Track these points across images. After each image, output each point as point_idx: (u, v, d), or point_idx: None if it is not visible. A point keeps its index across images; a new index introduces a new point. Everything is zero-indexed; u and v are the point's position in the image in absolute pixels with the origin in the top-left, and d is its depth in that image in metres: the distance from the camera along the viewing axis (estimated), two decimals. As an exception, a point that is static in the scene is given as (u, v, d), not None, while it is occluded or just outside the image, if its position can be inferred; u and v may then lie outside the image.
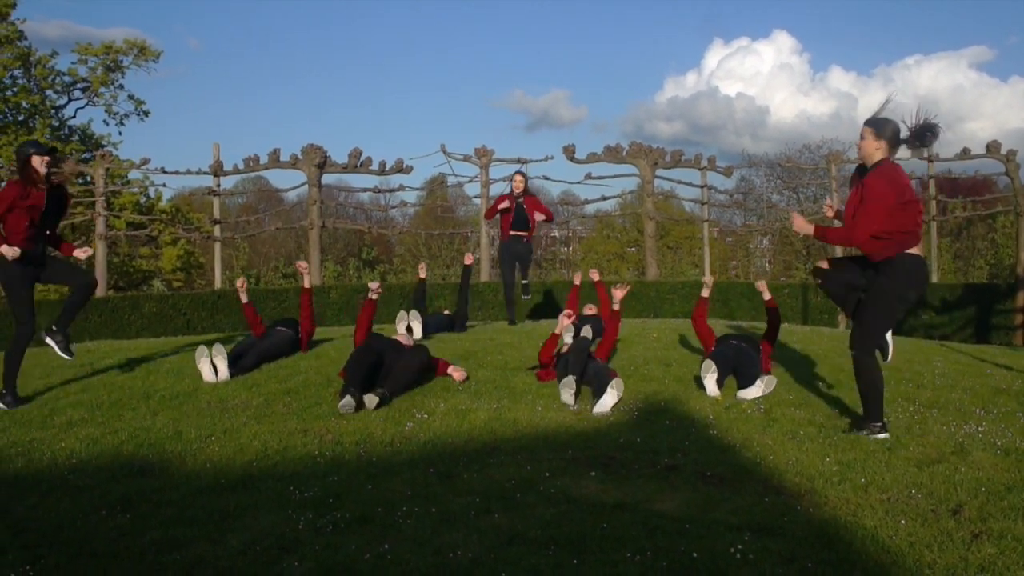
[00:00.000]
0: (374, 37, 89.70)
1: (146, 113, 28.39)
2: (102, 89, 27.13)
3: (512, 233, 10.10)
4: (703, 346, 7.12)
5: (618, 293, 6.81)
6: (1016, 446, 4.80)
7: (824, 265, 5.44)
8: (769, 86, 70.69)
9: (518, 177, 10.25)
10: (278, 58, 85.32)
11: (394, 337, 6.85)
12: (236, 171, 16.53)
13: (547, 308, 15.75)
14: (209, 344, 6.87)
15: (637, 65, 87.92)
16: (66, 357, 6.66)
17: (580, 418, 5.54)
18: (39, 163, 6.30)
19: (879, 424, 5.08)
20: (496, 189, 16.74)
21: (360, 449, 4.92)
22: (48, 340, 6.56)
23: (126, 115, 28.22)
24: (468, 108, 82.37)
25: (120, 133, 44.24)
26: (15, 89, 25.43)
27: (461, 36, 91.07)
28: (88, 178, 17.02)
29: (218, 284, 16.21)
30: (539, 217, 10.27)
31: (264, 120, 77.01)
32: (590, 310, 9.06)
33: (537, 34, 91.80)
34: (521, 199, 10.09)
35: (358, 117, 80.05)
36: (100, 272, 15.74)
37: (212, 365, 6.71)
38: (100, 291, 15.60)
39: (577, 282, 9.26)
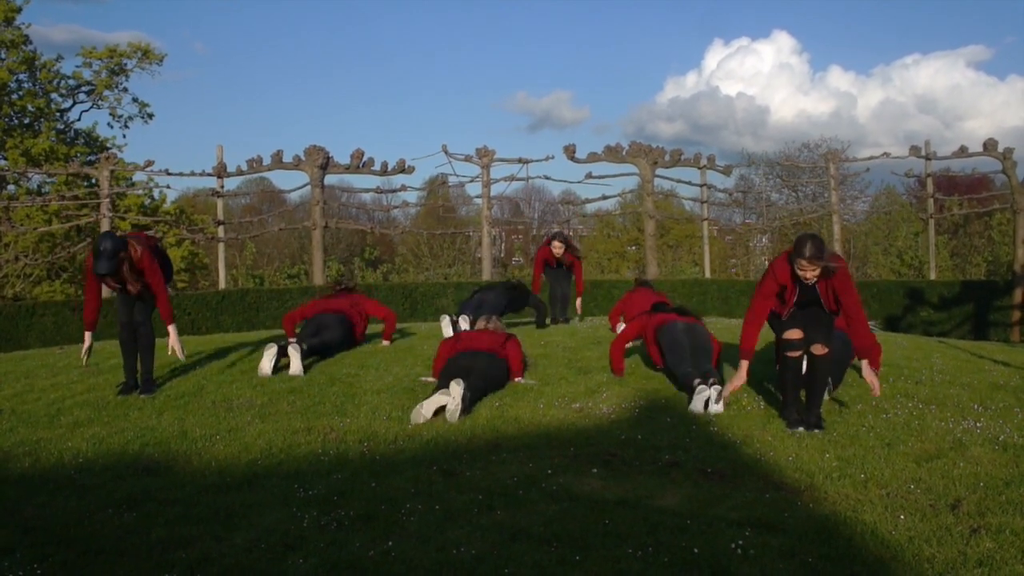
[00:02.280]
0: (377, 39, 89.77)
1: (150, 116, 28.39)
2: (106, 92, 27.14)
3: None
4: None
5: None
6: (1014, 441, 4.83)
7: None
8: (769, 86, 70.64)
9: (557, 244, 10.01)
10: (281, 60, 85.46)
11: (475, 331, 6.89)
12: (239, 172, 16.57)
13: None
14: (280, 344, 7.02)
15: (638, 66, 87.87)
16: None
17: (582, 416, 5.58)
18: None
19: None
20: (497, 189, 16.81)
21: (364, 447, 4.96)
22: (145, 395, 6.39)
23: (130, 118, 28.24)
24: (471, 109, 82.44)
25: (124, 136, 44.32)
26: (20, 93, 25.46)
27: (464, 38, 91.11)
28: (93, 180, 17.06)
29: (222, 284, 16.23)
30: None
31: (267, 122, 77.07)
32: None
33: (539, 36, 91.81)
34: (561, 260, 10.13)
35: (360, 118, 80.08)
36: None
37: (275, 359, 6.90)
38: (105, 292, 15.63)
39: None
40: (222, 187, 16.45)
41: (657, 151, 17.07)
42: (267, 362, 6.81)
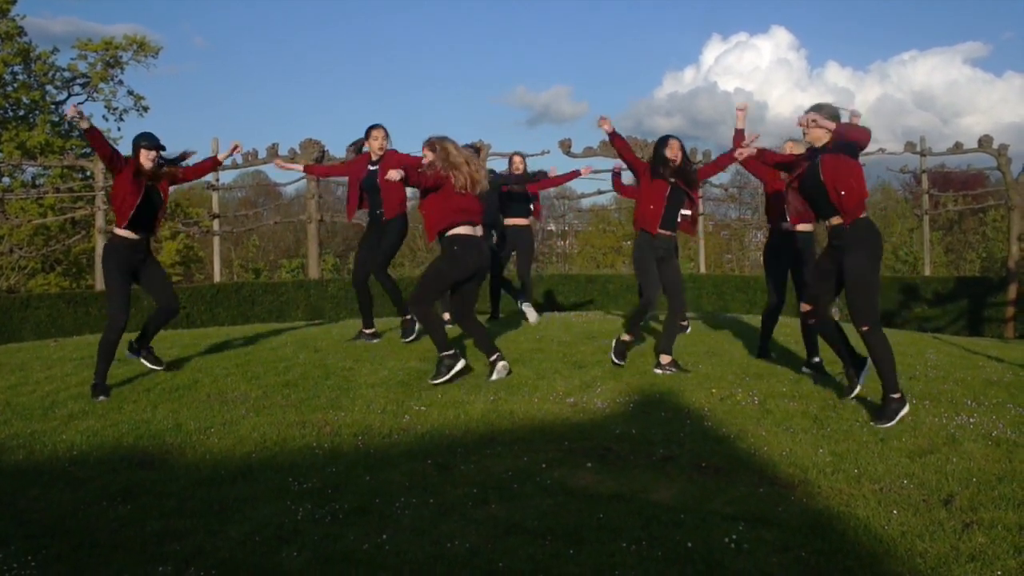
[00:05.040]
0: (375, 33, 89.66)
1: (145, 108, 28.38)
2: (102, 85, 27.11)
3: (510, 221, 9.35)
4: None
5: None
6: (1007, 437, 4.84)
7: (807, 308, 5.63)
8: (767, 81, 70.80)
9: (517, 159, 9.47)
10: (278, 53, 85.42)
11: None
12: (235, 166, 16.58)
13: (547, 304, 15.78)
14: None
15: (636, 61, 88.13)
16: (157, 367, 6.82)
17: (576, 410, 5.58)
18: (145, 158, 6.34)
19: (898, 395, 5.16)
20: (493, 183, 16.75)
21: (358, 441, 4.96)
22: (130, 355, 6.88)
23: (125, 111, 28.19)
24: (469, 103, 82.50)
25: (119, 129, 44.01)
26: (15, 85, 25.41)
27: (463, 32, 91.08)
28: (88, 173, 17.02)
29: (217, 278, 16.23)
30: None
31: (263, 115, 77.07)
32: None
33: (539, 31, 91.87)
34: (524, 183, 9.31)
35: (357, 112, 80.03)
36: (100, 266, 15.74)
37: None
38: (99, 284, 15.61)
39: None
40: (217, 180, 16.43)
41: (652, 146, 17.07)
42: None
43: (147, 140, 6.39)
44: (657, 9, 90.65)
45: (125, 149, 6.47)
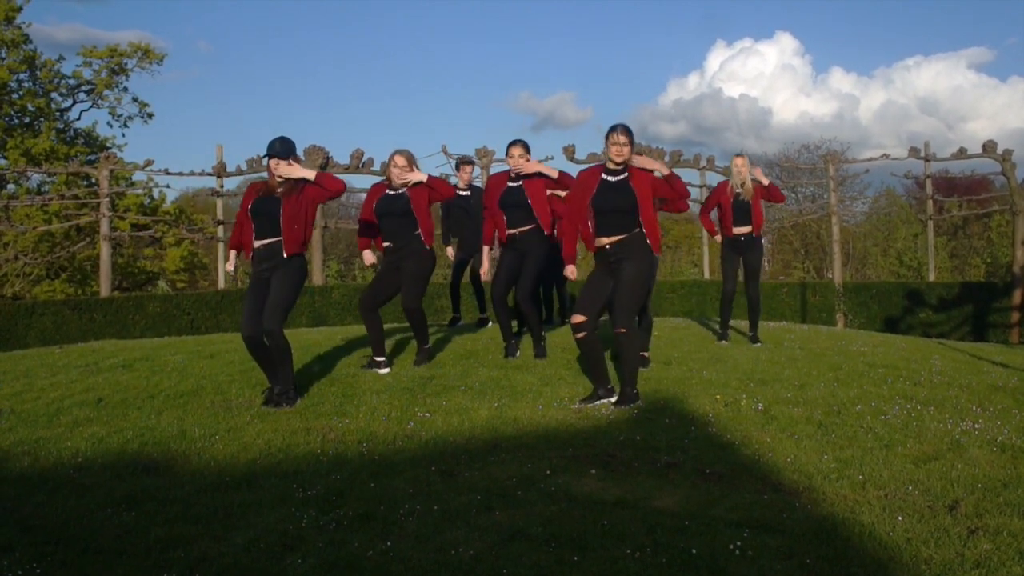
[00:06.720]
0: (379, 39, 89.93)
1: (150, 115, 28.43)
2: (106, 92, 27.18)
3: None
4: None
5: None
6: (1012, 443, 4.83)
7: (580, 319, 5.90)
8: (771, 87, 70.80)
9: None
10: (283, 59, 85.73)
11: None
12: (239, 172, 16.57)
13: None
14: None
15: (641, 67, 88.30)
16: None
17: (581, 416, 5.58)
18: (272, 166, 5.98)
19: (610, 387, 5.93)
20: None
21: (363, 447, 4.96)
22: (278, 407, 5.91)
23: (130, 117, 28.27)
24: (473, 109, 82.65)
25: (124, 135, 44.26)
26: (21, 92, 25.50)
27: (467, 38, 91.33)
28: (93, 180, 17.07)
29: (221, 284, 16.26)
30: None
31: (267, 121, 77.29)
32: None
33: (543, 36, 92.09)
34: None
35: (361, 118, 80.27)
36: (104, 273, 15.78)
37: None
38: (104, 291, 15.64)
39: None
40: (222, 187, 16.47)
41: (656, 152, 17.08)
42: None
43: (269, 148, 5.96)
44: (661, 15, 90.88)
45: (130, 155, 6.43)
